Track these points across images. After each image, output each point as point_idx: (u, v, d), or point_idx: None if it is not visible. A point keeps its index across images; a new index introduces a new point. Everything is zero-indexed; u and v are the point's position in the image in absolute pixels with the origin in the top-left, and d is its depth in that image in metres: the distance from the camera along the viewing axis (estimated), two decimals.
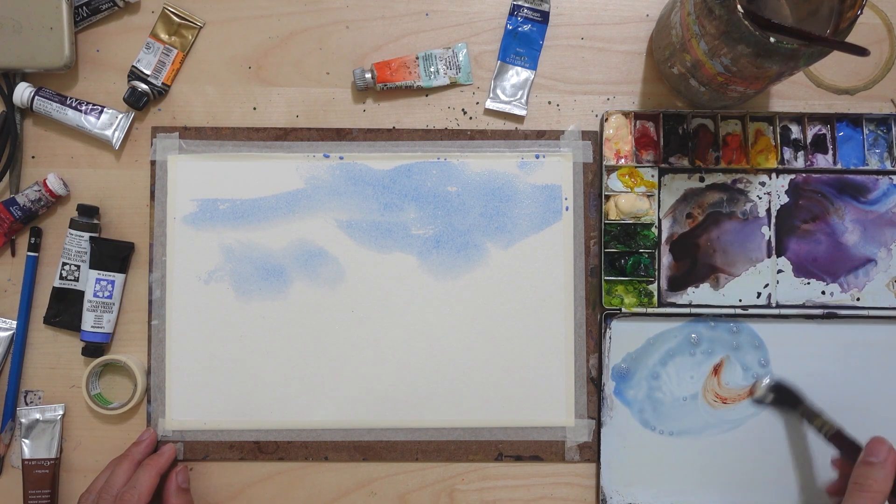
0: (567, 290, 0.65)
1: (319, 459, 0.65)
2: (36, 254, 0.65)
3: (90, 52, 0.66)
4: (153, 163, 0.65)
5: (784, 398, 0.64)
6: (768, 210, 0.65)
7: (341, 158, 0.65)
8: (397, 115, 0.66)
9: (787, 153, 0.65)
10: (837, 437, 0.60)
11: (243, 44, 0.66)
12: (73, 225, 0.63)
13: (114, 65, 0.66)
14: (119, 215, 0.65)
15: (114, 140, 0.64)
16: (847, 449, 0.59)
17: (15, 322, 0.64)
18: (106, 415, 0.64)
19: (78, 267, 0.64)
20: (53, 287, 0.64)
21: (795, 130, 0.66)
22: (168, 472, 0.62)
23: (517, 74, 0.66)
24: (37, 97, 0.63)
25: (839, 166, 0.65)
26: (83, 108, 0.64)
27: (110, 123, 0.64)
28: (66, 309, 0.64)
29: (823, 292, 0.65)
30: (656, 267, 0.64)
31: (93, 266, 0.63)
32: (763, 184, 0.65)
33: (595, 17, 0.67)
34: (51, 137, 0.66)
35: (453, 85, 0.66)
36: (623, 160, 0.65)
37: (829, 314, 0.64)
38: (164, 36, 0.65)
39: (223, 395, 0.64)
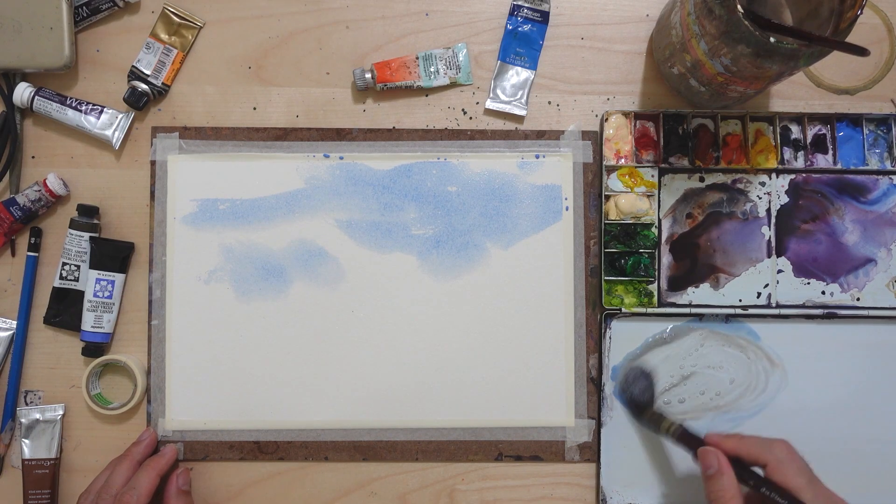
0: (567, 290, 0.65)
1: (319, 459, 0.65)
2: (36, 254, 0.65)
3: (90, 52, 0.66)
4: (153, 163, 0.65)
5: (636, 405, 0.63)
6: (768, 210, 0.65)
7: (341, 158, 0.65)
8: (397, 115, 0.66)
9: (787, 153, 0.65)
10: (683, 437, 0.59)
11: (243, 44, 0.66)
12: (73, 225, 0.63)
13: (114, 65, 0.66)
14: (119, 215, 0.65)
15: (114, 140, 0.64)
16: (693, 445, 0.58)
17: (15, 322, 0.64)
18: (106, 415, 0.64)
19: (78, 267, 0.64)
20: (53, 287, 0.64)
21: (795, 130, 0.66)
22: (169, 473, 0.61)
23: (517, 74, 0.66)
24: (37, 97, 0.63)
25: (839, 166, 0.65)
26: (83, 108, 0.64)
27: (110, 123, 0.64)
28: (66, 309, 0.64)
29: (823, 292, 0.65)
30: (656, 267, 0.64)
31: (93, 266, 0.63)
32: (763, 184, 0.65)
33: (595, 17, 0.67)
34: (51, 137, 0.66)
35: (453, 85, 0.66)
36: (623, 160, 0.65)
37: (829, 314, 0.64)
38: (164, 36, 0.65)
39: (223, 395, 0.64)
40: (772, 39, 0.50)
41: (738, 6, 0.50)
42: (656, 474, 0.65)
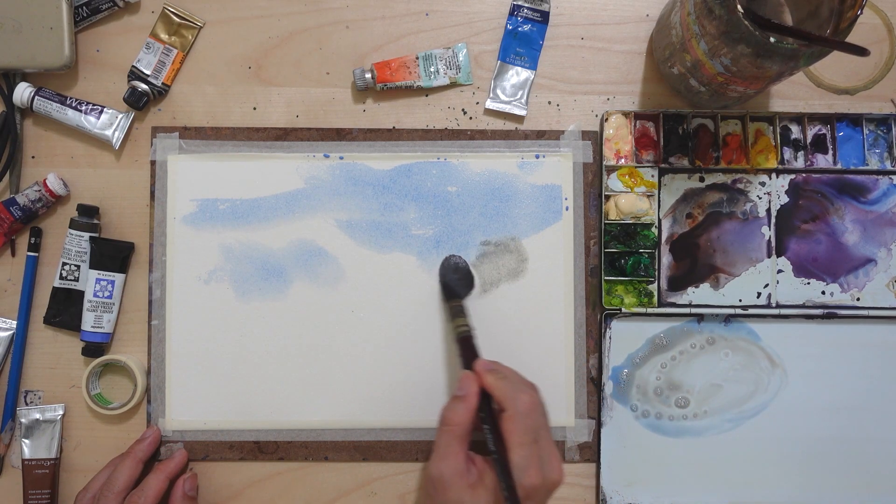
0: (567, 290, 0.65)
1: (319, 459, 0.65)
2: (36, 254, 0.65)
3: (90, 52, 0.66)
4: (153, 163, 0.65)
5: (446, 289, 0.63)
6: (768, 210, 0.65)
7: (341, 158, 0.65)
8: (397, 115, 0.66)
9: (787, 153, 0.65)
10: (463, 342, 0.58)
11: (243, 44, 0.66)
12: (73, 225, 0.63)
13: (114, 65, 0.66)
14: (119, 215, 0.65)
15: (114, 140, 0.64)
16: (467, 359, 0.57)
17: (15, 322, 0.64)
18: (106, 415, 0.64)
19: (78, 267, 0.64)
20: (53, 287, 0.64)
21: (795, 130, 0.66)
22: (176, 477, 0.61)
23: (517, 74, 0.66)
24: (37, 97, 0.63)
25: (839, 166, 0.65)
26: (83, 108, 0.64)
27: (110, 123, 0.64)
28: (66, 309, 0.64)
29: (823, 292, 0.65)
30: (656, 267, 0.64)
31: (93, 266, 0.63)
32: (763, 184, 0.65)
33: (595, 17, 0.67)
34: (51, 137, 0.66)
35: (453, 85, 0.66)
36: (623, 160, 0.65)
37: (829, 314, 0.64)
38: (164, 36, 0.65)
39: (223, 395, 0.64)
40: (772, 39, 0.50)
41: (738, 6, 0.50)
42: (656, 474, 0.65)
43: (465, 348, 0.58)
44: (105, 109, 0.64)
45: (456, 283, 0.63)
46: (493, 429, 0.53)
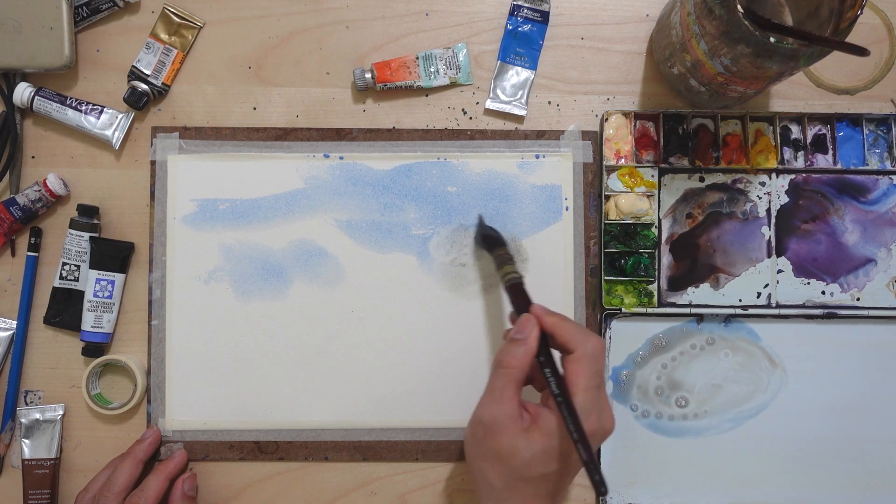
0: (567, 290, 0.65)
1: (319, 459, 0.65)
2: (36, 254, 0.65)
3: (90, 52, 0.66)
4: (153, 163, 0.65)
5: (487, 239, 0.62)
6: (768, 210, 0.65)
7: (341, 158, 0.65)
8: (397, 115, 0.66)
9: (787, 153, 0.65)
10: (514, 289, 0.57)
11: (243, 44, 0.66)
12: (73, 225, 0.63)
13: (114, 65, 0.66)
14: (119, 215, 0.65)
15: (114, 140, 0.64)
16: (519, 305, 0.56)
17: (15, 322, 0.64)
18: (106, 415, 0.64)
19: (78, 267, 0.64)
20: (53, 287, 0.64)
21: (795, 130, 0.66)
22: (176, 477, 0.61)
23: (517, 74, 0.66)
24: (37, 97, 0.63)
25: (839, 166, 0.65)
26: (83, 108, 0.64)
27: (110, 123, 0.64)
28: (66, 309, 0.64)
29: (823, 292, 0.65)
30: (656, 267, 0.64)
31: (93, 266, 0.63)
32: (763, 184, 0.65)
33: (595, 17, 0.67)
34: (51, 137, 0.66)
35: (453, 85, 0.66)
36: (623, 160, 0.65)
37: (829, 314, 0.64)
38: (164, 36, 0.65)
39: (223, 395, 0.64)
40: (772, 39, 0.50)
41: (738, 6, 0.50)
42: (656, 474, 0.65)
43: (517, 294, 0.56)
44: (105, 109, 0.64)
45: (498, 233, 0.62)
46: (554, 373, 0.51)
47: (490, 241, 0.62)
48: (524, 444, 0.50)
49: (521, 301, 0.56)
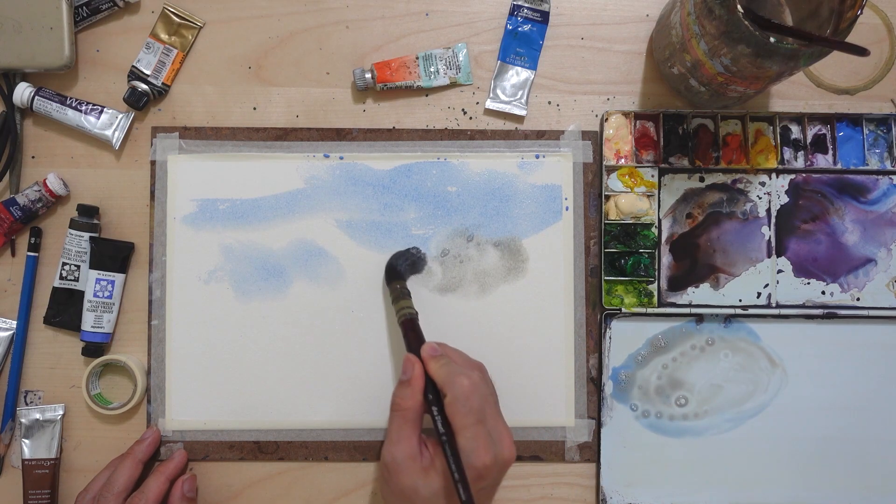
0: (567, 290, 0.65)
1: (319, 459, 0.65)
2: (36, 254, 0.65)
3: (90, 52, 0.66)
4: (153, 163, 0.65)
5: (389, 270, 0.63)
6: (768, 210, 0.65)
7: (341, 158, 0.65)
8: (397, 115, 0.66)
9: (787, 153, 0.65)
10: (407, 325, 0.57)
11: (243, 44, 0.66)
12: (73, 225, 0.63)
13: (114, 65, 0.66)
14: (119, 215, 0.65)
15: (114, 140, 0.64)
16: (410, 342, 0.57)
17: (15, 322, 0.64)
18: (106, 415, 0.64)
19: (78, 267, 0.64)
20: (53, 287, 0.64)
21: (795, 130, 0.66)
22: (176, 478, 0.61)
23: (517, 74, 0.66)
24: (37, 97, 0.63)
25: (839, 166, 0.65)
26: (83, 108, 0.64)
27: (110, 123, 0.64)
28: (66, 309, 0.64)
29: (823, 292, 0.65)
30: (656, 267, 0.64)
31: (93, 266, 0.63)
32: (763, 184, 0.65)
33: (595, 17, 0.67)
34: (51, 137, 0.66)
35: (453, 85, 0.66)
36: (623, 160, 0.65)
37: (829, 314, 0.64)
38: (164, 36, 0.65)
39: (223, 395, 0.64)
40: (772, 39, 0.50)
41: (738, 6, 0.50)
42: (656, 474, 0.65)
43: (410, 331, 0.58)
44: (105, 109, 0.64)
45: (400, 265, 0.63)
46: (440, 412, 0.53)
47: (390, 274, 0.63)
48: (423, 483, 0.52)
49: (413, 338, 0.57)
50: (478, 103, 0.66)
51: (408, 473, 0.52)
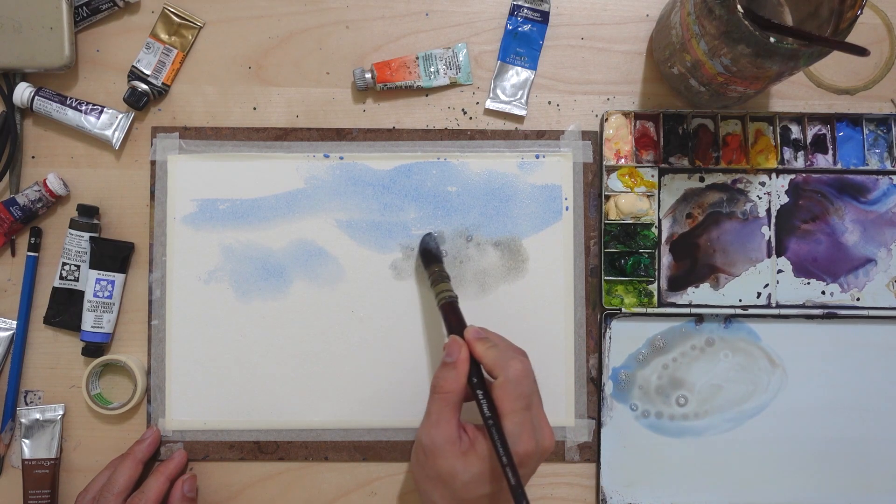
0: (567, 290, 0.65)
1: (319, 459, 0.65)
2: (36, 254, 0.65)
3: (90, 52, 0.66)
4: (153, 163, 0.65)
5: (424, 254, 0.62)
6: (768, 210, 0.65)
7: (341, 158, 0.65)
8: (397, 115, 0.66)
9: (787, 153, 0.65)
10: (447, 308, 0.57)
11: (243, 44, 0.66)
12: (73, 225, 0.63)
13: (114, 65, 0.66)
14: (119, 215, 0.65)
15: (114, 140, 0.64)
16: (452, 325, 0.56)
17: (15, 322, 0.64)
18: (106, 415, 0.64)
19: (78, 267, 0.64)
20: (53, 287, 0.64)
21: (795, 130, 0.66)
22: (176, 478, 0.61)
23: (517, 74, 0.66)
24: (37, 97, 0.63)
25: (839, 166, 0.65)
26: (83, 108, 0.64)
27: (110, 123, 0.64)
28: (66, 309, 0.64)
29: (823, 292, 0.65)
30: (656, 267, 0.64)
31: (93, 266, 0.63)
32: (763, 184, 0.65)
33: (595, 17, 0.67)
34: (51, 137, 0.66)
35: (453, 85, 0.66)
36: (623, 160, 0.65)
37: (829, 314, 0.64)
38: (164, 36, 0.65)
39: (223, 395, 0.64)
40: (772, 39, 0.50)
41: (738, 6, 0.50)
42: (656, 474, 0.65)
43: (451, 314, 0.57)
44: (105, 109, 0.64)
45: (437, 249, 0.63)
46: (486, 396, 0.52)
47: (427, 257, 0.62)
48: (462, 467, 0.51)
49: (454, 321, 0.57)
50: (478, 103, 0.66)
51: (446, 457, 0.51)
